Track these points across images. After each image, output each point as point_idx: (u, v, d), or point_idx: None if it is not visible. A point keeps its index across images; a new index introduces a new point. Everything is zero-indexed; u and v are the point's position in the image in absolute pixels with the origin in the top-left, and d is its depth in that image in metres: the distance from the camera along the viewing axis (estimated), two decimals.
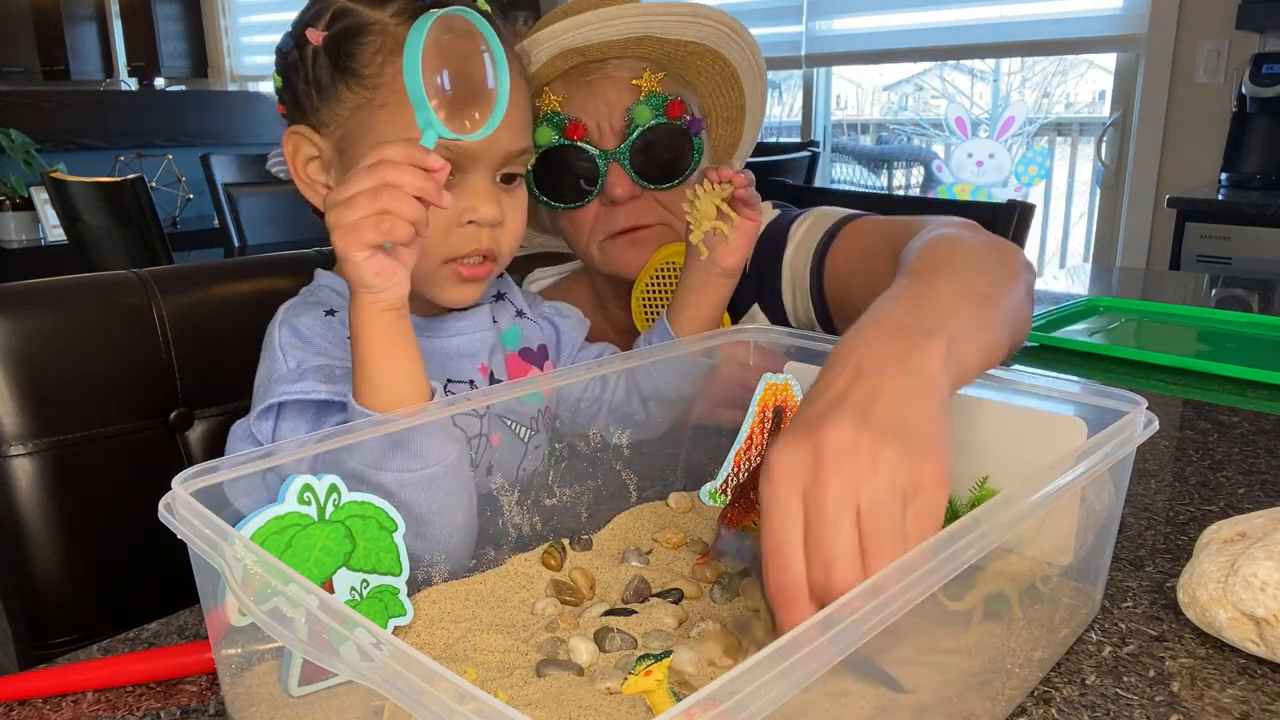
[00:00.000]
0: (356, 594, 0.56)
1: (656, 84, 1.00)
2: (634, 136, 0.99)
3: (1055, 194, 4.11)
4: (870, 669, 0.46)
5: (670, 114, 1.00)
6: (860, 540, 0.46)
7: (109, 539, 0.95)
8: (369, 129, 0.77)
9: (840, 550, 0.46)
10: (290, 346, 0.78)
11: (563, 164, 1.00)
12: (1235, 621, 0.59)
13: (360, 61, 0.76)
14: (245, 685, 0.54)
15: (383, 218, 0.63)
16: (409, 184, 0.63)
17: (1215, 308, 1.57)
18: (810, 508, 0.48)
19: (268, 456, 0.55)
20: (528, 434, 0.83)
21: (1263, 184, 2.71)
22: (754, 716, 0.33)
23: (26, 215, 3.82)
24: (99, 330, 0.96)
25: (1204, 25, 2.95)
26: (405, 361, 0.68)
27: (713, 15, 1.00)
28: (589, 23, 0.95)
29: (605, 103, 1.00)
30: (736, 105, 1.12)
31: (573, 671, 0.55)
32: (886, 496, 0.47)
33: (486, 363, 0.86)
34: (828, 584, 0.47)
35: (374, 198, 0.63)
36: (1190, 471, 0.91)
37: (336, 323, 0.80)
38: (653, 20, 0.97)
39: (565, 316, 0.97)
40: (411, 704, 0.34)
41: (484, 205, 0.78)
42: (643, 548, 0.72)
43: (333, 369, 0.75)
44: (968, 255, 0.73)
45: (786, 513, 0.48)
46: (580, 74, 1.00)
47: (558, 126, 0.99)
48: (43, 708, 0.59)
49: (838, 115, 4.47)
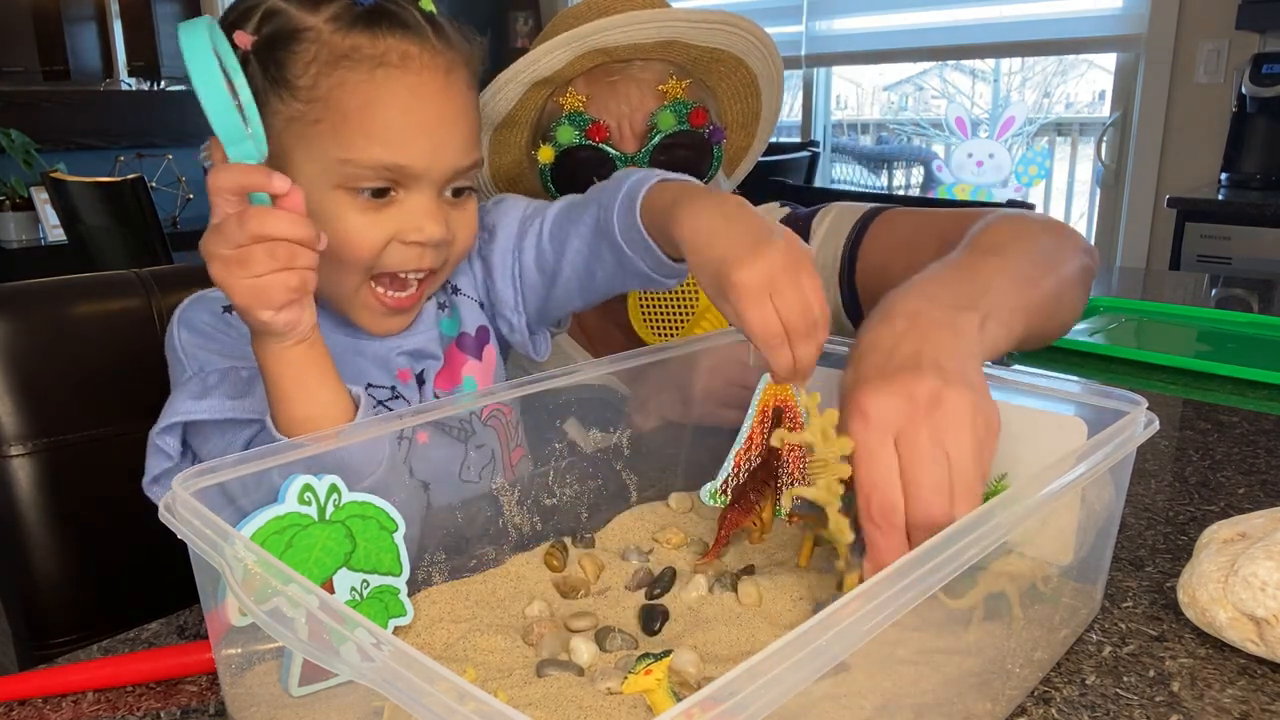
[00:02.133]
0: (357, 594, 0.56)
1: (682, 90, 1.00)
2: (655, 141, 0.99)
3: (1055, 194, 4.11)
4: None
5: (694, 122, 1.00)
6: (950, 482, 0.54)
7: (109, 539, 0.95)
8: (303, 147, 0.72)
9: (934, 487, 0.54)
10: (192, 347, 0.75)
11: (581, 164, 1.00)
12: (1235, 621, 0.59)
13: (293, 72, 0.71)
14: (245, 685, 0.54)
15: (290, 275, 0.60)
16: (290, 234, 0.59)
17: (1215, 308, 1.57)
18: (906, 453, 0.55)
19: (268, 456, 0.55)
20: (463, 434, 0.80)
21: (1263, 184, 2.70)
22: (754, 716, 0.33)
23: (26, 215, 3.82)
24: (99, 330, 0.96)
25: (1204, 25, 2.95)
26: (320, 389, 0.65)
27: (740, 23, 1.00)
28: (619, 24, 0.95)
29: (628, 104, 1.00)
30: (752, 112, 1.13)
31: (573, 671, 0.55)
32: (970, 447, 0.55)
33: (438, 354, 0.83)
34: (926, 517, 0.53)
35: (271, 256, 0.59)
36: (1190, 471, 0.91)
37: (235, 319, 0.76)
38: (683, 25, 0.97)
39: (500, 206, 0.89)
40: (411, 704, 0.34)
41: (429, 225, 0.73)
42: (643, 547, 0.72)
43: (239, 372, 0.72)
44: (1025, 240, 0.78)
45: (885, 451, 0.55)
46: (604, 73, 1.00)
47: (580, 126, 0.99)
48: (43, 708, 0.59)
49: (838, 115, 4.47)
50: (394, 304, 0.77)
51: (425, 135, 0.72)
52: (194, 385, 0.72)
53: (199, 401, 0.71)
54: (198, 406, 0.70)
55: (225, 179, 0.59)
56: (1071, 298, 0.84)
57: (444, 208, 0.75)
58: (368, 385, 0.81)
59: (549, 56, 0.96)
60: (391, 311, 0.77)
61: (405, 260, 0.75)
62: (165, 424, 0.70)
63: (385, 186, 0.72)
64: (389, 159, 0.71)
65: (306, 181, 0.71)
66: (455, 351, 0.85)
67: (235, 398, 0.71)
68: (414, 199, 0.73)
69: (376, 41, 0.71)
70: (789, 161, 3.13)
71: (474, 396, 0.76)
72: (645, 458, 0.80)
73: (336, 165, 0.71)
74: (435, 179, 0.74)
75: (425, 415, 0.65)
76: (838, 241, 1.03)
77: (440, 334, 0.85)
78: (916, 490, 0.54)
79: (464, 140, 0.76)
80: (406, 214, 0.73)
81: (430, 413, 0.66)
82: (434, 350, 0.84)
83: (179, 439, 0.72)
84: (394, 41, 0.71)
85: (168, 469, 0.71)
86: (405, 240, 0.74)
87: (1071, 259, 0.83)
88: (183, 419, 0.70)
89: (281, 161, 0.72)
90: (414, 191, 0.73)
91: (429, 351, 0.84)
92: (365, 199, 0.72)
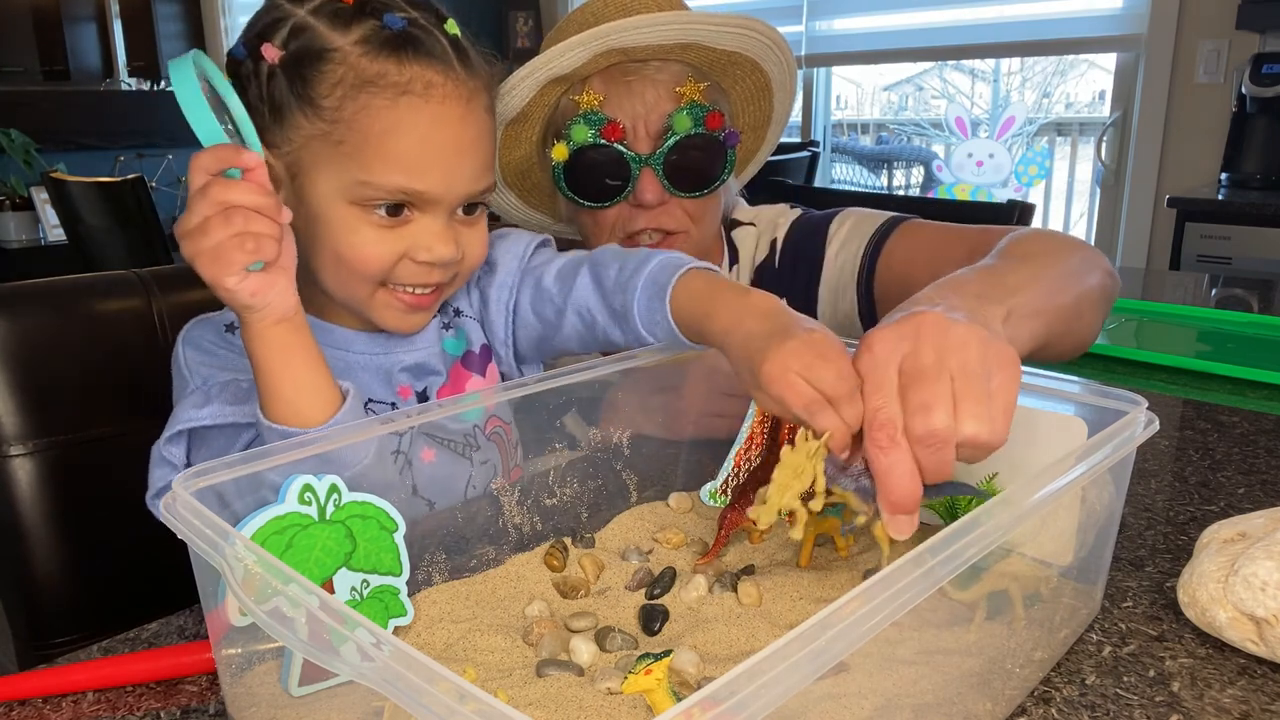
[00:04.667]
0: (357, 594, 0.56)
1: (699, 93, 1.00)
2: (670, 143, 1.00)
3: (1055, 194, 4.11)
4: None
5: (710, 125, 1.00)
6: (953, 395, 0.53)
7: (109, 539, 0.95)
8: (323, 163, 0.73)
9: (938, 397, 0.53)
10: (196, 363, 0.77)
11: (595, 164, 1.00)
12: (1235, 621, 0.59)
13: (318, 91, 0.72)
14: (245, 685, 0.54)
15: (244, 238, 0.62)
16: (246, 201, 0.62)
17: (1215, 308, 1.57)
18: (908, 370, 0.55)
19: (267, 457, 0.55)
20: (467, 450, 0.81)
21: (1263, 184, 2.70)
22: (754, 716, 0.33)
23: (26, 215, 3.82)
24: (99, 330, 0.96)
25: (1204, 25, 2.95)
26: (306, 372, 0.67)
27: (759, 27, 1.00)
28: (641, 25, 0.95)
29: (643, 104, 1.00)
30: (764, 115, 1.13)
31: (573, 671, 0.55)
32: (976, 366, 0.54)
33: (440, 370, 0.85)
34: (926, 426, 0.52)
35: (227, 221, 0.62)
36: (1190, 471, 0.91)
37: (237, 337, 0.78)
38: (704, 28, 0.97)
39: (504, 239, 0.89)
40: (411, 704, 0.34)
41: (439, 246, 0.75)
42: (643, 547, 0.72)
43: (240, 383, 0.74)
44: (1055, 254, 0.80)
45: (885, 375, 0.55)
46: (620, 73, 1.00)
47: (595, 125, 0.99)
48: (43, 708, 0.59)
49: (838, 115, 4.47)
50: (414, 301, 0.78)
51: (442, 162, 0.74)
52: (196, 396, 0.74)
53: (200, 409, 0.72)
54: (199, 414, 0.72)
55: (204, 156, 0.63)
56: (1091, 315, 0.85)
57: (455, 227, 0.77)
58: (368, 401, 0.82)
59: (568, 54, 0.96)
60: (412, 309, 0.79)
61: (414, 276, 0.77)
62: (170, 433, 0.72)
63: (399, 205, 0.74)
64: (406, 184, 0.73)
65: (324, 194, 0.74)
66: (460, 370, 0.87)
67: (235, 404, 0.72)
68: (427, 219, 0.75)
69: (403, 69, 0.72)
70: (789, 161, 3.13)
71: (471, 398, 0.76)
72: (645, 458, 0.80)
73: (355, 185, 0.73)
74: (449, 203, 0.76)
75: (422, 417, 0.66)
76: (857, 246, 1.04)
77: (444, 353, 0.86)
78: (913, 401, 0.53)
79: (480, 166, 0.78)
80: (418, 234, 0.75)
81: (425, 415, 0.66)
82: (436, 366, 0.85)
83: (184, 449, 0.73)
84: (419, 70, 0.73)
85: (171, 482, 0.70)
86: (415, 259, 0.76)
87: (1096, 278, 0.84)
88: (186, 426, 0.72)
89: (300, 172, 0.74)
90: (427, 213, 0.75)
91: (431, 367, 0.84)
92: (380, 216, 0.74)
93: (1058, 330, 0.76)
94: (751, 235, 1.14)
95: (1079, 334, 0.85)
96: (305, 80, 0.72)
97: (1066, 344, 0.84)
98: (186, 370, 0.78)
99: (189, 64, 0.62)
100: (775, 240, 1.12)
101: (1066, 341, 0.83)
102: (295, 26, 0.73)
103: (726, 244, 1.14)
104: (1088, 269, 0.83)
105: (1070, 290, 0.79)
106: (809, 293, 1.08)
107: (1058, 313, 0.75)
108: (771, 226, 1.13)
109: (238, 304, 0.65)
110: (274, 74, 0.73)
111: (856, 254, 1.04)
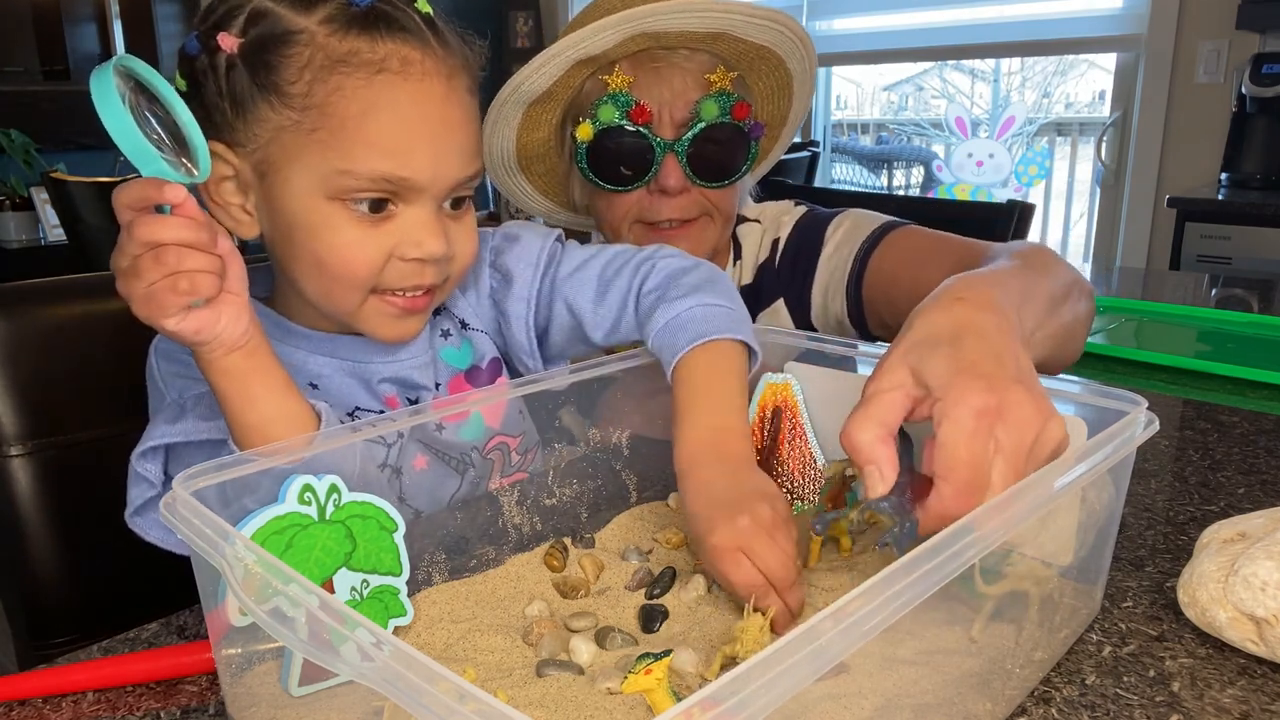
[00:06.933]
0: (357, 594, 0.56)
1: (729, 82, 1.01)
2: (695, 130, 1.00)
3: (1055, 194, 4.12)
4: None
5: (736, 115, 1.01)
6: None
7: (109, 539, 0.95)
8: (297, 155, 0.68)
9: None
10: (170, 375, 0.74)
11: (619, 146, 1.01)
12: (1235, 621, 0.59)
13: (284, 77, 0.67)
14: (245, 685, 0.54)
15: (178, 279, 0.57)
16: (177, 238, 0.57)
17: (1215, 308, 1.57)
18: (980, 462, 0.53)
19: (267, 457, 0.55)
20: (462, 466, 0.79)
21: (1263, 184, 2.71)
22: (754, 717, 0.33)
23: (26, 215, 3.82)
24: (99, 330, 0.96)
25: (1204, 25, 2.95)
26: (270, 398, 0.63)
27: (788, 23, 1.01)
28: (675, 9, 0.95)
29: (671, 90, 1.00)
30: (781, 114, 1.13)
31: (573, 671, 0.55)
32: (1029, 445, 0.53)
33: (434, 383, 0.82)
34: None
35: (158, 261, 0.57)
36: (1190, 471, 0.91)
37: None
38: (737, 19, 0.98)
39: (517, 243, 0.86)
40: (411, 704, 0.34)
41: (429, 240, 0.70)
42: (643, 547, 0.72)
43: (213, 395, 0.70)
44: (1052, 271, 0.79)
45: (985, 450, 0.52)
46: (648, 58, 1.00)
47: (623, 107, 0.99)
48: (43, 708, 0.59)
49: (838, 115, 4.47)
50: (407, 304, 0.73)
51: (427, 145, 0.69)
52: (170, 411, 0.71)
53: (173, 425, 0.69)
54: (172, 430, 0.69)
55: (125, 193, 0.58)
56: (1076, 337, 0.86)
57: (443, 221, 0.72)
58: (355, 409, 0.79)
59: (599, 36, 0.95)
60: (405, 313, 0.74)
61: (405, 277, 0.72)
62: (143, 449, 0.69)
63: (383, 199, 0.69)
64: (390, 170, 0.68)
65: (299, 192, 0.69)
66: (462, 383, 0.84)
67: (211, 419, 0.69)
68: (413, 213, 0.70)
69: (376, 46, 0.67)
70: (789, 161, 3.13)
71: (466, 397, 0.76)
72: (645, 458, 0.80)
73: (333, 176, 0.68)
74: (436, 192, 0.71)
75: (410, 420, 0.66)
76: (851, 248, 1.04)
77: (442, 362, 0.83)
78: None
79: (466, 149, 0.73)
80: (405, 229, 0.70)
81: (412, 419, 0.66)
82: (427, 374, 0.81)
83: (160, 465, 0.69)
84: (394, 46, 0.68)
85: (150, 498, 0.69)
86: (404, 257, 0.71)
87: (1083, 302, 0.85)
88: (158, 443, 0.68)
89: (270, 171, 0.69)
90: (413, 205, 0.70)
91: (416, 381, 0.81)
92: (361, 213, 0.69)
93: (1056, 333, 0.77)
94: (756, 232, 1.15)
95: (1067, 354, 0.86)
96: (269, 67, 0.67)
97: (1054, 368, 0.85)
98: (161, 383, 0.74)
99: (109, 74, 0.55)
100: (778, 239, 1.12)
101: (1054, 366, 0.84)
102: (254, 12, 0.68)
103: (731, 240, 1.15)
104: (1078, 294, 0.83)
105: (1066, 314, 0.79)
106: (803, 291, 1.09)
107: (1055, 331, 0.76)
108: (775, 225, 1.14)
109: (183, 342, 0.61)
110: (233, 65, 0.67)
111: (848, 258, 1.04)
